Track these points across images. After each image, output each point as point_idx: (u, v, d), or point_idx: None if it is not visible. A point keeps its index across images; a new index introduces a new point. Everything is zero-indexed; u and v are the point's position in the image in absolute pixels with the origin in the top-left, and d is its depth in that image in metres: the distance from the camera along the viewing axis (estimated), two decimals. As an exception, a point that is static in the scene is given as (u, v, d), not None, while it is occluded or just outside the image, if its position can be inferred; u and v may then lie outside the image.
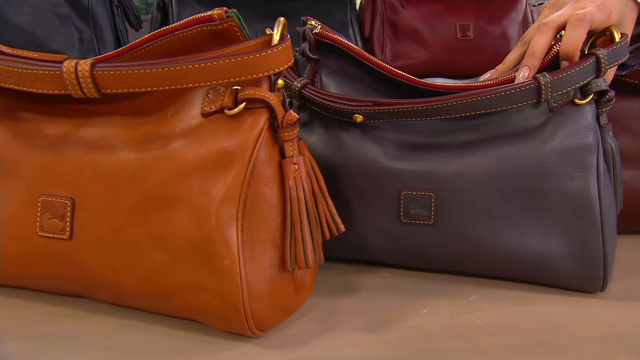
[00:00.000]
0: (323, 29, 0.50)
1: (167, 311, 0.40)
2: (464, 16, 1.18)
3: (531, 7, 1.26)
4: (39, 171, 0.40)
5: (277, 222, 0.39)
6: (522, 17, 1.24)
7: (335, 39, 0.50)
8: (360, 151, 0.47)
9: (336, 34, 0.51)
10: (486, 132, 0.45)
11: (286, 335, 0.41)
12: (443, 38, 1.13)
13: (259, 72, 0.36)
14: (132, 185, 0.38)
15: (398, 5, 1.13)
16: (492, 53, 1.16)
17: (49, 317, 0.43)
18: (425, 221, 0.46)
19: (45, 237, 0.40)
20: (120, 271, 0.39)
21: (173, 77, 0.35)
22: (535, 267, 0.45)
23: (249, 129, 0.38)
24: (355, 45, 0.51)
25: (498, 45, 1.19)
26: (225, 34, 0.38)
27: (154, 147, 0.38)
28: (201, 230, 0.37)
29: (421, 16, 1.14)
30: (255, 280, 0.38)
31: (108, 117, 0.41)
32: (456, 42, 1.15)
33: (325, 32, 0.50)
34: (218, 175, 0.37)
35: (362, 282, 0.50)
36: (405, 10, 1.14)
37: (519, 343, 0.40)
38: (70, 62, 0.35)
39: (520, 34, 1.22)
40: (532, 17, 1.27)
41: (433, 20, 1.15)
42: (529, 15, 1.26)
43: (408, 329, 0.42)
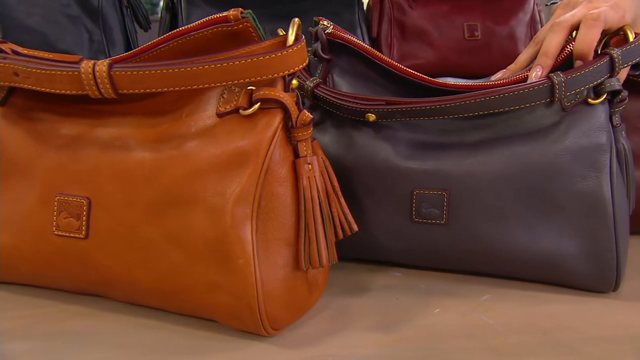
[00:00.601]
0: (335, 29, 0.51)
1: (182, 310, 0.41)
2: (472, 16, 1.18)
3: (539, 7, 1.26)
4: (55, 171, 0.41)
5: (291, 222, 0.39)
6: (530, 17, 1.24)
7: (348, 39, 0.50)
8: (372, 150, 0.47)
9: (348, 33, 0.51)
10: (498, 131, 0.45)
11: (299, 335, 0.41)
12: (451, 38, 1.14)
13: (274, 73, 0.36)
14: (147, 185, 0.39)
15: (406, 6, 1.13)
16: (499, 53, 1.16)
17: (64, 316, 0.43)
18: (437, 220, 0.46)
19: (62, 236, 0.40)
20: (136, 270, 0.39)
21: (190, 77, 0.36)
22: (547, 267, 0.45)
23: (263, 128, 0.38)
24: (367, 45, 0.51)
25: (506, 45, 1.19)
26: (241, 34, 0.38)
27: (169, 147, 0.39)
28: (216, 229, 0.37)
29: (429, 16, 1.14)
30: (269, 280, 0.38)
31: (123, 117, 0.41)
32: (464, 42, 1.15)
33: (338, 32, 0.50)
34: (233, 174, 0.37)
35: (373, 281, 0.50)
36: (413, 10, 1.14)
37: (531, 343, 0.40)
38: (88, 62, 0.36)
39: (527, 34, 1.22)
40: (540, 17, 1.27)
41: (440, 21, 1.15)
42: (536, 15, 1.26)
43: (420, 328, 0.42)
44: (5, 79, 0.38)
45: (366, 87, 0.50)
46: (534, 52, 0.50)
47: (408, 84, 0.49)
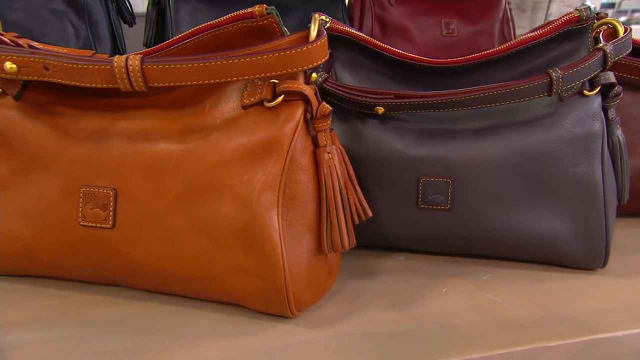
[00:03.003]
0: (333, 22, 0.52)
1: (208, 295, 0.42)
2: (448, 14, 1.22)
3: (509, 5, 1.32)
4: (79, 163, 0.42)
5: (313, 208, 0.41)
6: (502, 15, 1.29)
7: (347, 31, 0.52)
8: (379, 141, 0.49)
9: (345, 25, 0.53)
10: (499, 119, 0.48)
11: (321, 315, 0.43)
12: (429, 35, 1.17)
13: (298, 66, 0.38)
14: (174, 175, 0.40)
15: (386, 3, 1.16)
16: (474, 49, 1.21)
17: (89, 305, 0.44)
18: (442, 206, 0.49)
19: (88, 226, 0.41)
20: (163, 258, 0.40)
21: (219, 70, 0.37)
22: (543, 248, 0.49)
23: (286, 120, 0.40)
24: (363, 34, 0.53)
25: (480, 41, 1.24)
26: (265, 30, 0.40)
27: (195, 138, 0.40)
28: (244, 216, 0.39)
29: (408, 13, 1.17)
30: (294, 263, 0.40)
31: (143, 111, 0.42)
32: (441, 39, 1.19)
33: (336, 25, 0.52)
34: (259, 164, 0.39)
35: (380, 266, 0.52)
36: (393, 7, 1.17)
37: (533, 315, 0.43)
38: (120, 57, 0.37)
39: (500, 31, 1.27)
40: (510, 15, 1.33)
41: (420, 18, 1.18)
42: (507, 13, 1.31)
43: (432, 306, 0.45)
44: (35, 74, 0.39)
45: (368, 78, 0.53)
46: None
47: (405, 66, 0.51)
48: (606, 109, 0.47)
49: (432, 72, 0.51)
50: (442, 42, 1.19)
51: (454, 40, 1.20)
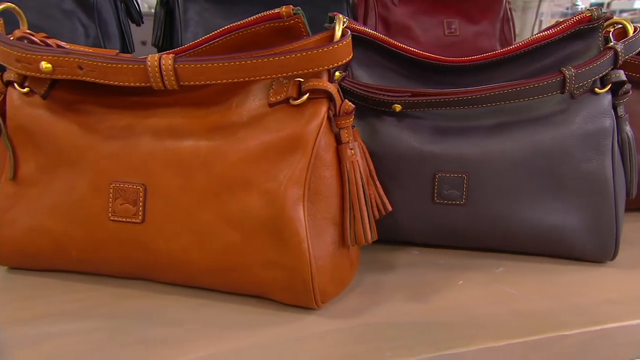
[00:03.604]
0: (350, 22, 0.53)
1: (235, 288, 0.43)
2: (450, 13, 1.24)
3: (509, 5, 1.34)
4: (108, 160, 0.43)
5: (336, 203, 0.43)
6: (503, 15, 1.31)
7: (363, 30, 0.53)
8: (395, 138, 0.51)
9: (361, 25, 0.54)
10: (511, 116, 0.49)
11: (343, 307, 0.44)
12: (432, 34, 1.19)
13: (324, 65, 0.39)
14: (203, 171, 0.41)
15: (389, 3, 1.18)
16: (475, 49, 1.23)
17: (116, 298, 0.45)
18: (457, 201, 0.50)
19: (118, 221, 0.42)
20: (192, 251, 0.42)
21: (248, 69, 0.38)
22: (555, 241, 0.51)
23: (311, 117, 0.41)
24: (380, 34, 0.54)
25: (481, 41, 1.26)
26: (292, 30, 0.41)
27: (223, 135, 0.41)
28: (271, 210, 0.40)
29: (411, 13, 1.19)
30: (319, 256, 0.41)
31: (170, 109, 0.44)
32: (444, 38, 1.21)
33: (353, 25, 0.53)
34: (285, 160, 0.40)
35: (395, 259, 0.54)
36: (396, 7, 1.18)
37: (548, 306, 0.45)
38: (153, 57, 0.38)
39: (501, 30, 1.29)
40: (510, 15, 1.35)
41: (422, 17, 1.20)
42: (508, 13, 1.33)
43: (450, 298, 0.46)
44: (69, 73, 0.40)
45: (383, 76, 0.54)
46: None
47: (420, 65, 0.53)
48: (615, 106, 0.49)
49: (447, 71, 0.52)
50: (444, 41, 1.20)
51: (457, 40, 1.22)
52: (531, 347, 0.41)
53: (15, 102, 0.46)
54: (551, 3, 4.00)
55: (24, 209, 0.45)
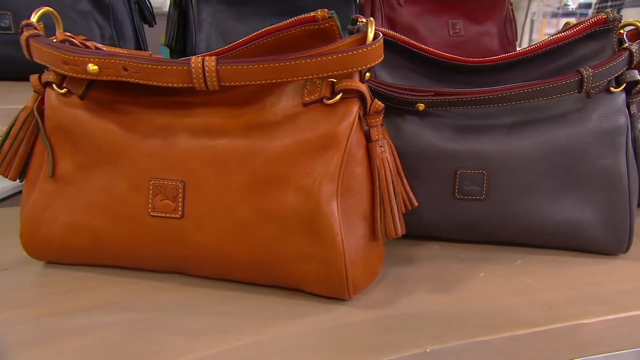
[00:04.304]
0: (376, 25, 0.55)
1: (270, 281, 0.45)
2: (455, 14, 1.26)
3: (511, 6, 1.36)
4: (148, 158, 0.44)
5: (367, 198, 0.45)
6: (505, 15, 1.33)
7: (387, 32, 0.55)
8: (418, 136, 0.53)
9: (381, 26, 0.56)
10: (529, 114, 0.52)
11: (373, 298, 0.46)
12: (438, 35, 1.21)
13: (357, 67, 0.41)
14: (240, 168, 0.43)
15: (395, 4, 1.20)
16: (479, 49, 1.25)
17: (154, 291, 0.47)
18: (477, 197, 0.52)
19: (158, 217, 0.44)
20: (230, 245, 0.43)
21: (285, 71, 0.40)
22: (571, 235, 0.53)
23: (344, 116, 0.43)
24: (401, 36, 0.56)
25: (484, 41, 1.29)
26: (325, 32, 0.42)
27: (259, 133, 0.43)
28: (307, 205, 0.42)
29: (417, 14, 1.21)
30: (352, 249, 0.43)
31: (206, 108, 0.45)
32: (449, 39, 1.23)
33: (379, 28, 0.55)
34: (319, 157, 0.42)
35: (417, 253, 0.56)
36: (402, 8, 1.20)
37: (569, 296, 0.47)
38: (197, 59, 0.40)
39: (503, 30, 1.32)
40: (512, 15, 1.37)
41: (427, 18, 1.22)
42: (510, 13, 1.36)
43: (474, 289, 0.48)
44: (114, 74, 0.41)
45: (405, 76, 0.56)
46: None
47: (442, 66, 0.55)
48: (629, 104, 0.51)
49: (467, 71, 0.54)
50: (449, 41, 1.22)
51: (461, 40, 1.24)
52: (554, 335, 0.43)
53: (53, 103, 0.47)
54: (540, 3, 4.03)
55: (63, 206, 0.47)
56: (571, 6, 4.60)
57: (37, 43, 0.44)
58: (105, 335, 0.40)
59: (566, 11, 4.60)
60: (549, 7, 4.48)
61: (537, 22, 4.17)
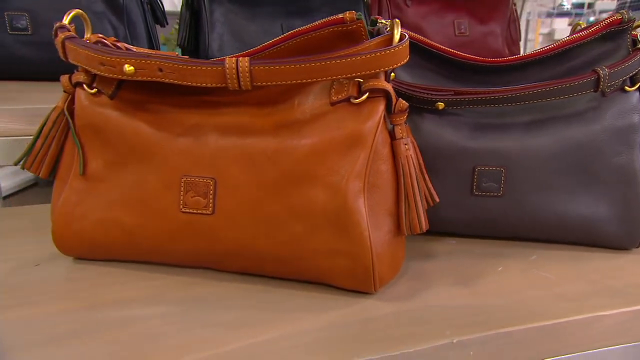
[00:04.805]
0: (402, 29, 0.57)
1: (298, 275, 0.46)
2: (460, 14, 1.27)
3: (515, 6, 1.37)
4: (179, 156, 0.46)
5: (391, 195, 0.46)
6: (510, 15, 1.35)
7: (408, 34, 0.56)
8: (437, 135, 0.54)
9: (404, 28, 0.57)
10: (546, 113, 0.53)
11: (396, 291, 0.48)
12: (443, 35, 1.23)
13: (385, 67, 0.43)
14: (270, 166, 0.44)
15: (402, 4, 1.21)
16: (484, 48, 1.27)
17: (183, 285, 0.48)
18: (494, 193, 0.54)
19: (189, 213, 0.45)
20: (259, 241, 0.45)
21: (315, 71, 0.41)
22: (586, 231, 0.54)
23: (370, 114, 0.44)
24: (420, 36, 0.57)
25: (489, 41, 1.30)
26: (353, 33, 0.44)
27: (288, 132, 0.44)
28: (335, 202, 0.43)
29: (423, 14, 1.22)
30: (378, 244, 0.44)
31: (236, 108, 0.47)
32: (454, 39, 1.25)
33: None
34: (347, 155, 0.44)
35: (435, 249, 0.57)
36: (408, 8, 1.22)
37: (586, 290, 0.48)
38: (231, 60, 0.41)
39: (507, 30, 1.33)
40: (516, 15, 1.39)
41: (433, 18, 1.24)
42: (514, 13, 1.37)
43: (492, 283, 0.50)
44: (149, 75, 0.42)
45: (424, 76, 0.57)
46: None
47: (460, 65, 0.56)
48: (643, 103, 0.52)
49: (484, 71, 0.56)
50: (455, 41, 1.24)
51: (467, 40, 1.26)
52: (574, 326, 0.44)
53: (83, 103, 0.49)
54: (534, 3, 4.06)
55: (93, 203, 0.48)
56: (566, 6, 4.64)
57: (74, 45, 0.45)
58: (140, 328, 0.42)
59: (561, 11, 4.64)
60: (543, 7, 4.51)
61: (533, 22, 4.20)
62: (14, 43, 0.84)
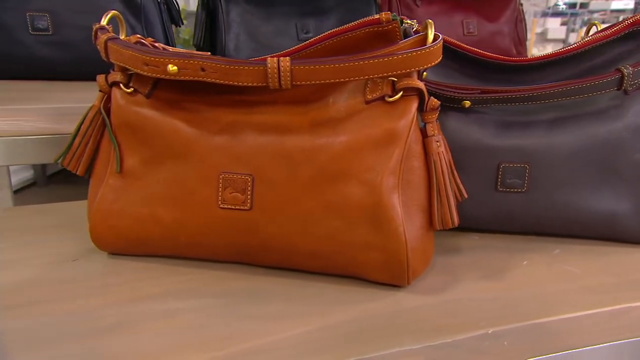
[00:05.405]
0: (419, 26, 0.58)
1: (333, 269, 0.48)
2: (468, 14, 1.29)
3: (521, 6, 1.39)
4: (217, 153, 0.47)
5: (424, 191, 0.47)
6: (517, 15, 1.36)
7: None
8: (463, 132, 0.55)
9: None
10: (569, 111, 0.54)
11: (427, 284, 0.49)
12: (452, 35, 1.24)
13: (420, 66, 0.44)
14: (307, 163, 0.45)
15: (412, 4, 1.22)
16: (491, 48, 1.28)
17: (217, 280, 0.49)
18: (518, 189, 0.55)
19: (227, 208, 0.46)
20: (296, 236, 0.46)
21: (353, 70, 0.43)
22: (607, 225, 0.56)
23: (403, 113, 0.45)
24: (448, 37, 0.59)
25: (497, 40, 1.32)
26: (388, 34, 0.45)
27: (324, 129, 0.46)
28: (370, 198, 0.44)
29: (433, 14, 1.24)
30: (412, 239, 0.46)
31: (271, 107, 0.48)
32: (463, 39, 1.26)
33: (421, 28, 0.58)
34: (382, 152, 0.45)
35: (459, 244, 0.59)
36: (418, 8, 1.23)
37: (611, 283, 0.50)
38: (272, 60, 0.42)
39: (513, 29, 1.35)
40: (523, 15, 1.40)
41: (442, 18, 1.25)
42: (521, 13, 1.39)
43: (518, 276, 0.51)
44: (192, 74, 0.44)
45: (447, 75, 0.59)
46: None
47: (483, 64, 0.58)
48: (663, 100, 0.54)
49: (508, 69, 0.57)
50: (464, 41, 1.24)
51: (475, 40, 1.27)
52: (603, 318, 0.46)
53: (119, 102, 0.50)
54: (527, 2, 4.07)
55: (131, 199, 0.49)
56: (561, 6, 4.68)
57: (117, 45, 0.46)
58: (182, 320, 0.43)
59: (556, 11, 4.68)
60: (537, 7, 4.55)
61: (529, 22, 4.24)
62: (35, 43, 0.85)
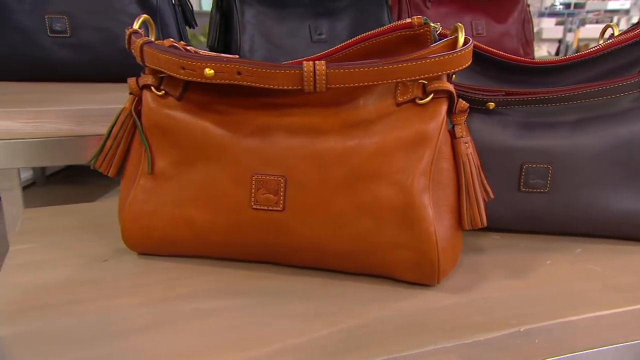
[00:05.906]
0: (443, 29, 0.59)
1: (363, 269, 0.48)
2: (477, 15, 1.29)
3: (528, 7, 1.40)
4: (249, 155, 0.47)
5: (453, 191, 0.48)
6: (524, 16, 1.37)
7: None
8: (486, 133, 0.56)
9: None
10: (591, 112, 0.55)
11: (455, 283, 0.50)
12: (462, 35, 1.25)
13: (451, 69, 0.45)
14: (338, 164, 0.46)
15: (422, 5, 1.23)
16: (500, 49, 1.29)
17: (246, 279, 0.50)
18: (541, 189, 0.56)
19: (260, 209, 0.47)
20: (328, 236, 0.47)
21: (386, 73, 0.43)
22: (629, 225, 0.56)
23: (434, 114, 0.46)
24: None
25: (505, 41, 1.33)
26: (419, 37, 0.46)
27: (355, 131, 0.46)
28: (402, 199, 0.45)
29: (442, 15, 1.25)
30: (442, 239, 0.46)
31: (301, 109, 0.48)
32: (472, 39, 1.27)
33: (445, 31, 0.59)
34: (413, 153, 0.46)
35: (481, 243, 0.59)
36: (428, 9, 1.24)
37: (635, 281, 0.51)
38: (308, 63, 0.43)
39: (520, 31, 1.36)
40: (530, 16, 1.41)
41: (452, 19, 1.26)
42: (528, 14, 1.40)
43: (542, 275, 0.52)
44: (228, 77, 0.44)
45: (469, 77, 0.59)
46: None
47: (505, 66, 0.59)
48: (683, 101, 0.55)
49: (527, 71, 0.58)
50: (473, 42, 1.26)
51: (484, 41, 1.28)
52: (630, 316, 0.46)
53: (150, 104, 0.50)
54: None
55: (162, 200, 0.50)
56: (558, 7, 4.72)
57: (153, 49, 0.47)
58: (217, 320, 0.44)
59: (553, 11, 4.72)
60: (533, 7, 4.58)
61: (526, 22, 4.27)
62: (53, 45, 0.86)
